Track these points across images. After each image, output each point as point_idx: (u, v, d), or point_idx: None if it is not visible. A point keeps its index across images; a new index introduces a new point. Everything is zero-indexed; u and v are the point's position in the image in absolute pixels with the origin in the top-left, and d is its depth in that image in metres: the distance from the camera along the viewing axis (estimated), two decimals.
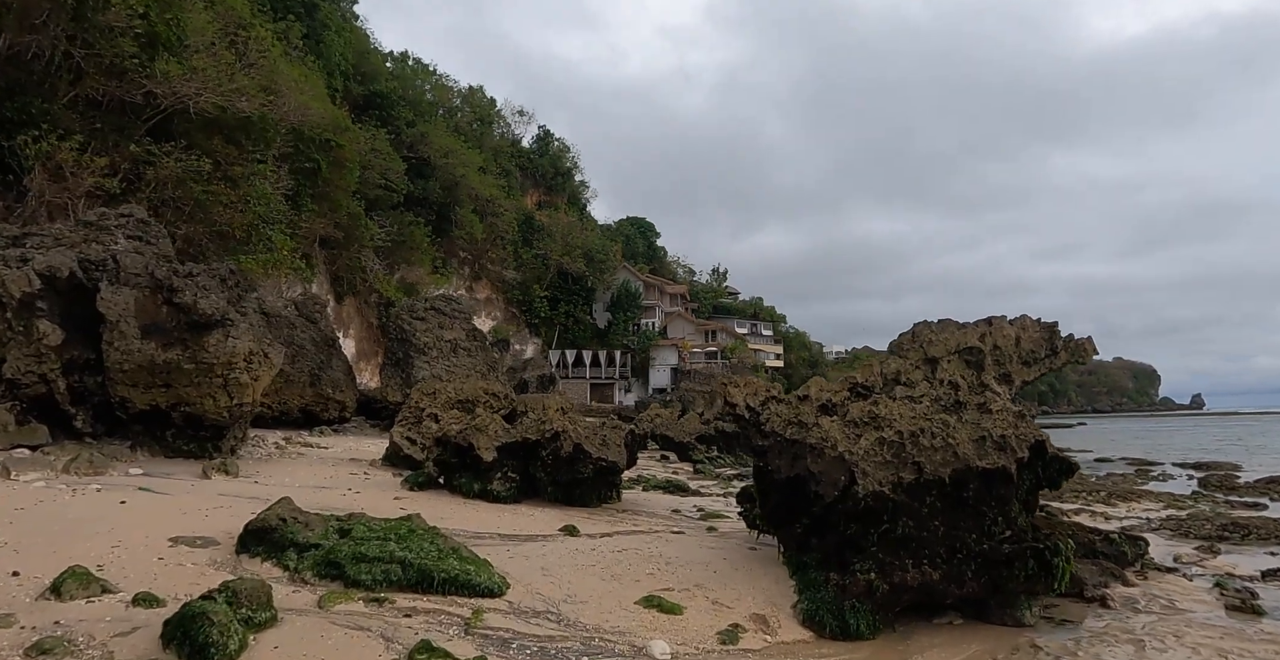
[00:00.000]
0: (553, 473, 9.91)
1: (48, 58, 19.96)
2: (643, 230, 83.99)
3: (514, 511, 9.17)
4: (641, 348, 67.72)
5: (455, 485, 9.85)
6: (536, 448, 10.00)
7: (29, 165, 18.97)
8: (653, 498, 12.25)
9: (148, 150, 20.83)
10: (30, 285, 10.11)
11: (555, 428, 9.96)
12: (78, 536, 5.55)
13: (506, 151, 65.49)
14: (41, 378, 10.33)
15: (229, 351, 10.38)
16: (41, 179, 18.97)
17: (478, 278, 56.34)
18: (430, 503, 9.09)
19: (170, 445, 10.73)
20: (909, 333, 7.63)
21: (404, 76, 52.07)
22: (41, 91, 19.72)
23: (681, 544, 7.41)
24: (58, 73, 20.25)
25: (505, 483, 9.77)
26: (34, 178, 18.95)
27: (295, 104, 27.45)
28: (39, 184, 18.89)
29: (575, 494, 10.11)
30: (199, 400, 10.48)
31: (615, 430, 10.69)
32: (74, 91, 20.65)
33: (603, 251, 64.35)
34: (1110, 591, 6.71)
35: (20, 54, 19.58)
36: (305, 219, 29.95)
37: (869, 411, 6.16)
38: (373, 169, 38.54)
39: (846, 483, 5.82)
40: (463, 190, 50.27)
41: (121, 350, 10.19)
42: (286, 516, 5.39)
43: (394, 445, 12.55)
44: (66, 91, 20.58)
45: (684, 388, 59.69)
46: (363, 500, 8.73)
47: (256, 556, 5.27)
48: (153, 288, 10.48)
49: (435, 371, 21.94)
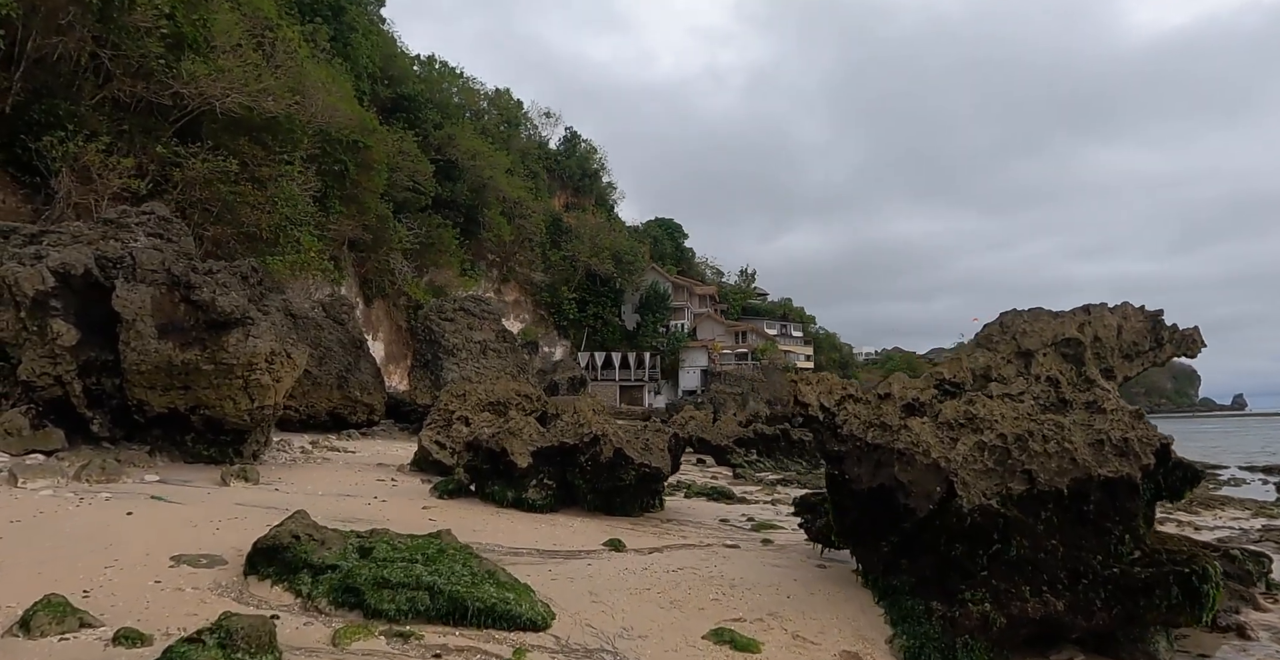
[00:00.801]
0: (592, 480, 9.17)
1: (74, 59, 19.78)
2: (670, 231, 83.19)
3: (551, 522, 8.44)
4: (671, 349, 66.87)
5: (488, 493, 9.16)
6: (574, 453, 9.28)
7: (56, 168, 18.76)
8: (696, 505, 11.46)
9: (174, 151, 20.56)
10: (44, 283, 9.64)
11: (594, 431, 9.23)
12: (70, 554, 4.93)
13: (534, 153, 65.15)
14: (57, 380, 9.85)
15: (249, 351, 9.81)
16: (69, 181, 18.76)
17: (506, 280, 55.96)
18: (461, 513, 8.41)
19: (190, 450, 10.20)
20: (996, 323, 6.76)
21: (431, 79, 51.87)
22: (68, 93, 19.54)
23: (741, 561, 6.63)
24: (84, 74, 20.09)
25: (541, 491, 9.05)
26: (61, 180, 18.74)
27: (323, 105, 27.18)
28: (66, 186, 18.67)
29: (616, 502, 9.37)
30: (218, 403, 9.93)
31: (658, 434, 9.93)
32: (101, 93, 20.48)
33: (631, 252, 63.67)
34: (1245, 618, 5.78)
35: (47, 56, 19.39)
36: (333, 221, 29.69)
37: (964, 411, 5.32)
38: (401, 171, 38.27)
39: (943, 495, 5.00)
40: (490, 192, 49.91)
41: (138, 350, 9.67)
42: (301, 533, 4.71)
43: (423, 450, 11.91)
44: (94, 93, 20.41)
45: (715, 389, 58.77)
46: (389, 510, 8.07)
47: (266, 579, 4.59)
48: (170, 285, 9.95)
49: (464, 373, 21.35)
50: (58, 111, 19.16)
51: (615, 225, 68.53)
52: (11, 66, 18.85)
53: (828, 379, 6.10)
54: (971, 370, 6.16)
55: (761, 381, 60.78)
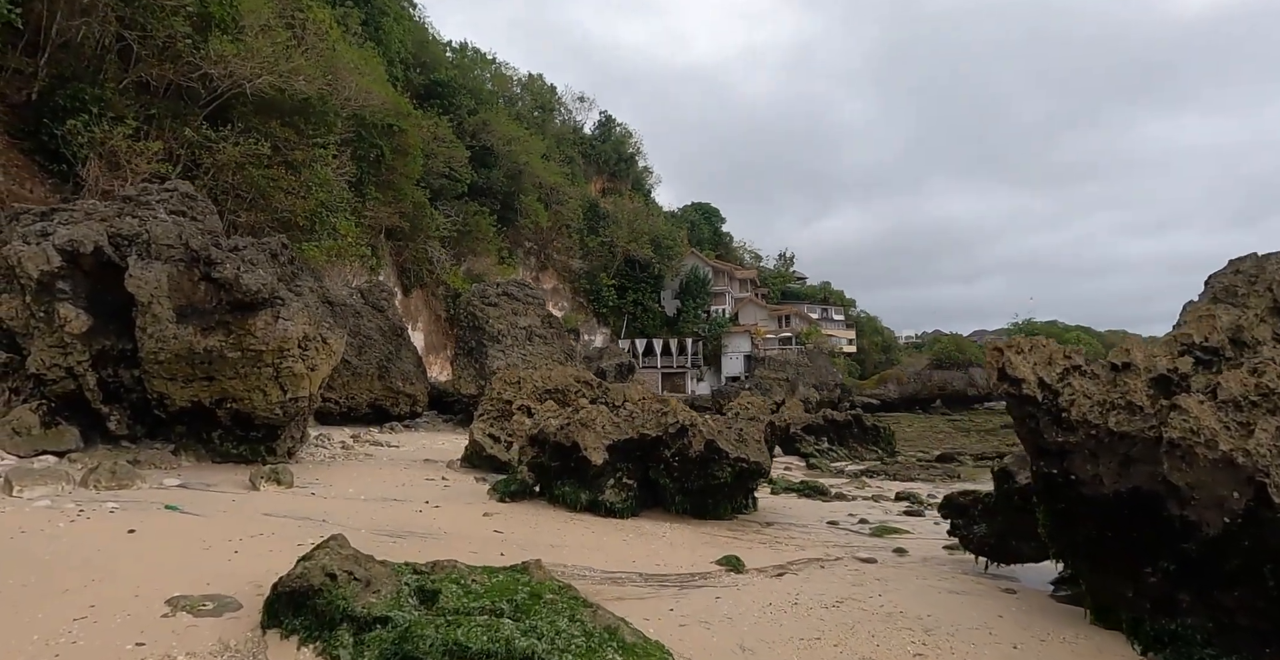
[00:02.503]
0: (680, 478, 7.74)
1: (99, 42, 18.87)
2: (708, 216, 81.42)
3: (637, 530, 7.04)
4: (712, 335, 65.22)
5: (557, 495, 7.78)
6: (657, 446, 7.85)
7: (83, 154, 17.91)
8: (790, 504, 9.98)
9: (205, 135, 19.62)
10: (49, 263, 8.48)
11: (681, 421, 7.79)
12: (34, 597, 3.65)
13: (569, 139, 63.84)
14: (68, 372, 8.72)
15: (279, 335, 8.56)
16: (96, 168, 17.89)
17: (544, 267, 54.81)
18: (529, 521, 7.05)
19: (217, 449, 9.01)
20: (1230, 271, 5.14)
21: (463, 66, 50.79)
22: (94, 78, 18.68)
23: (902, 585, 5.14)
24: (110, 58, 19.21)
25: (620, 492, 7.65)
26: (89, 167, 17.88)
27: (356, 87, 26.17)
28: (94, 173, 17.81)
29: (708, 504, 7.93)
30: (247, 395, 8.70)
31: (752, 423, 8.45)
32: (128, 77, 19.58)
33: (670, 237, 62.09)
34: None
35: (71, 40, 18.48)
36: (370, 208, 28.77)
37: (1255, 385, 3.74)
38: (436, 157, 37.28)
39: (1249, 504, 3.44)
40: (526, 178, 48.76)
41: (155, 337, 8.47)
42: (338, 570, 3.35)
43: (474, 444, 10.62)
44: (120, 77, 19.52)
45: (759, 375, 57.03)
46: (444, 519, 6.73)
47: (291, 635, 3.24)
48: (188, 262, 8.72)
49: (510, 360, 20.09)
50: (83, 96, 18.26)
51: (652, 210, 66.99)
52: (37, 53, 18.05)
53: (1044, 345, 4.54)
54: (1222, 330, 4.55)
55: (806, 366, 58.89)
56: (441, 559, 3.73)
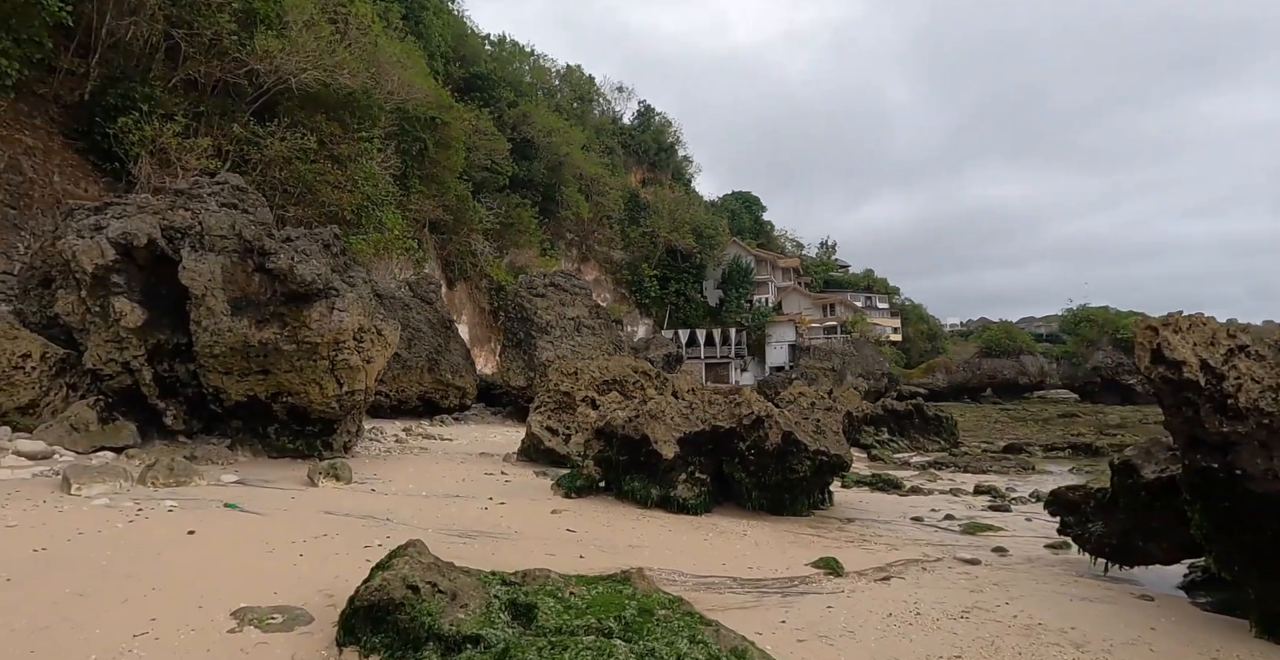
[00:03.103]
0: (757, 472, 7.28)
1: (147, 41, 19.02)
2: (748, 205, 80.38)
3: (715, 527, 6.60)
4: (756, 325, 64.35)
5: (626, 490, 7.38)
6: (730, 439, 7.39)
7: (134, 152, 18.11)
8: (865, 498, 9.43)
9: (252, 131, 19.73)
10: (103, 256, 8.34)
11: (757, 412, 7.31)
12: (91, 610, 3.35)
13: (608, 129, 63.40)
14: (125, 367, 8.59)
15: (335, 327, 8.30)
16: (147, 165, 18.08)
17: (585, 259, 54.59)
18: (599, 517, 6.66)
19: (273, 443, 8.82)
20: None
21: (502, 59, 50.69)
22: (144, 77, 18.89)
23: (1026, 591, 4.62)
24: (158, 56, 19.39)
25: (694, 487, 7.21)
26: (140, 165, 18.07)
27: (399, 80, 26.17)
28: (145, 170, 17.99)
29: (784, 499, 7.45)
30: (302, 388, 8.47)
31: (829, 413, 7.94)
32: (176, 76, 19.73)
33: (711, 227, 61.40)
34: None
35: (121, 39, 18.66)
36: (414, 201, 28.80)
37: None
38: (478, 150, 37.27)
39: None
40: (567, 169, 48.54)
41: (210, 330, 8.28)
42: (420, 582, 2.97)
43: (532, 437, 10.28)
44: (168, 76, 19.69)
45: (804, 365, 56.09)
46: (512, 516, 6.38)
47: (371, 654, 2.88)
48: (242, 253, 8.51)
49: (560, 352, 19.79)
50: (134, 95, 18.43)
51: (693, 199, 66.31)
52: (89, 54, 18.29)
53: (1205, 323, 3.96)
54: None
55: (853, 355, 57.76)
56: (531, 568, 3.33)
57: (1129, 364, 57.75)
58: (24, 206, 17.22)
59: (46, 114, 18.08)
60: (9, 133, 17.27)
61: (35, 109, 17.92)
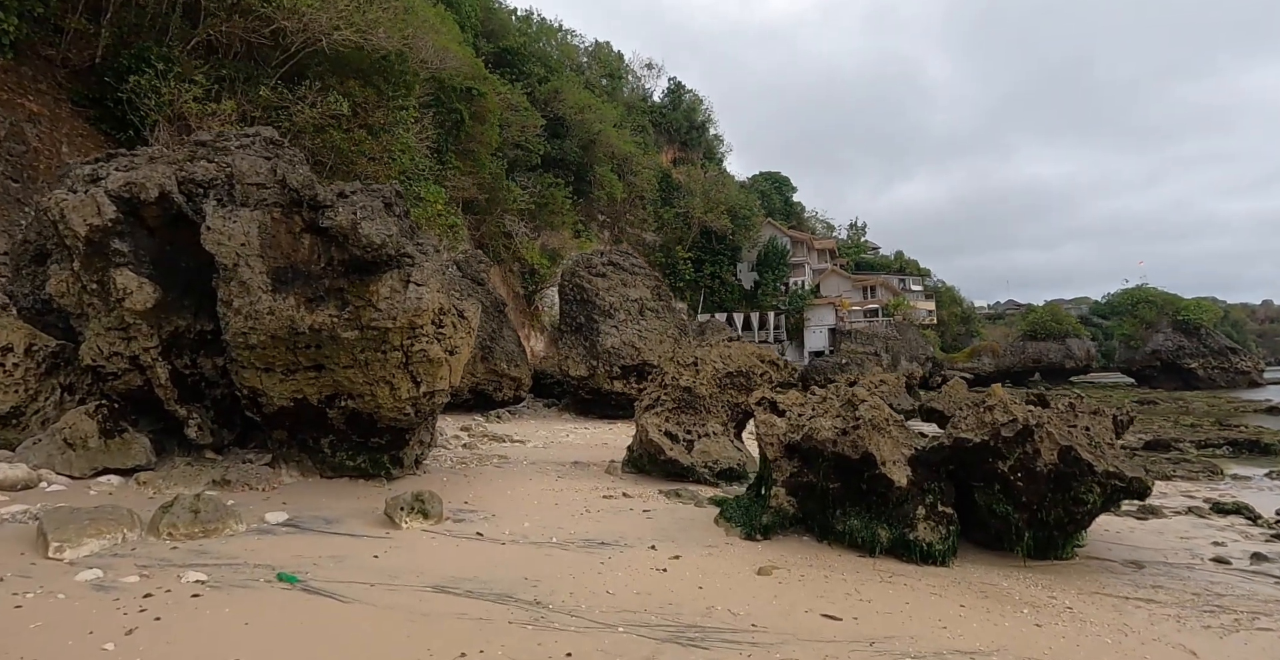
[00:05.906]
0: (1028, 504, 5.05)
1: None
2: (778, 185, 77.85)
3: (997, 592, 4.40)
4: (794, 308, 61.95)
5: (838, 530, 5.19)
6: (981, 457, 5.18)
7: (150, 119, 16.14)
8: (1098, 524, 7.17)
9: (280, 95, 17.71)
10: (99, 215, 6.23)
11: (1021, 419, 5.08)
12: None
13: (638, 107, 61.08)
14: (133, 362, 6.53)
15: (411, 307, 6.14)
16: (166, 132, 16.11)
17: (618, 241, 52.40)
18: (829, 579, 4.47)
19: (328, 460, 6.73)
20: None
21: (530, 36, 48.50)
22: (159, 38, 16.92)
23: None
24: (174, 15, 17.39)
25: (937, 526, 5.01)
26: (158, 132, 16.12)
27: (433, 47, 24.15)
28: (163, 138, 16.02)
29: (1055, 538, 5.24)
30: (367, 389, 6.34)
31: (1095, 417, 5.68)
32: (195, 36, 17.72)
33: (747, 207, 59.08)
34: None
35: None
36: (450, 177, 26.84)
37: None
38: (511, 127, 35.28)
39: None
40: (600, 148, 46.39)
41: (244, 313, 6.15)
42: None
43: (648, 444, 8.12)
44: (187, 36, 17.70)
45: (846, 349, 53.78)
46: (713, 588, 4.17)
47: None
48: (286, 206, 6.35)
49: (625, 337, 17.65)
50: (149, 56, 16.45)
51: (726, 179, 63.87)
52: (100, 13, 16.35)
53: None
54: None
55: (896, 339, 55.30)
56: None
57: (1191, 347, 54.59)
58: (28, 179, 15.27)
59: (54, 78, 16.15)
60: (11, 98, 15.29)
61: (41, 73, 15.98)
